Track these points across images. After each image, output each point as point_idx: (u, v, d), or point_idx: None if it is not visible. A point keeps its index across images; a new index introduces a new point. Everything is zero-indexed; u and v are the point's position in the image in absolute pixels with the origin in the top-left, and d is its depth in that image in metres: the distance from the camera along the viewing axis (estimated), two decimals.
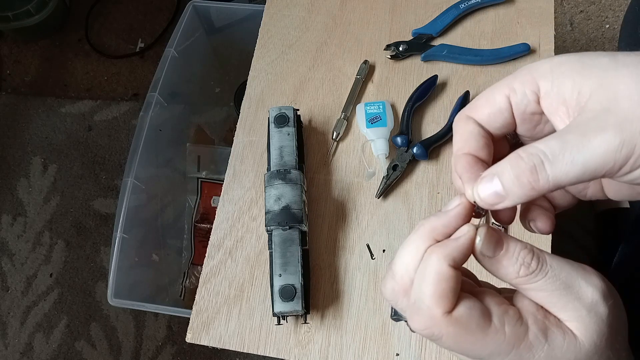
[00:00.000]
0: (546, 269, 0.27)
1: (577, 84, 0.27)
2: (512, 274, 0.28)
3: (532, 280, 0.28)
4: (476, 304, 0.28)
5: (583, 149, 0.25)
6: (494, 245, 0.28)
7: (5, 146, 1.52)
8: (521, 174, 0.26)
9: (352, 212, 0.65)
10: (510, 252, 0.28)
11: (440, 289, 0.27)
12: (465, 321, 0.27)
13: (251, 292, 0.62)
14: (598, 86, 0.26)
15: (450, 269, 0.27)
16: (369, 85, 0.72)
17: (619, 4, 1.48)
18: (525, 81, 0.29)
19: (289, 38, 0.76)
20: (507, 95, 0.30)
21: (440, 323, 0.27)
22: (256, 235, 0.65)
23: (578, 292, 0.27)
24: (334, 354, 0.58)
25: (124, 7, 1.67)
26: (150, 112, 0.97)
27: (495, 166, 0.28)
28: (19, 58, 1.65)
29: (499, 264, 0.28)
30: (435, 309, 0.27)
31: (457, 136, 0.32)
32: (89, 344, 1.29)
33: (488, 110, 0.31)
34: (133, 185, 0.92)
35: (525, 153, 0.27)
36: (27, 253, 1.39)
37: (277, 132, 0.63)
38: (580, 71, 0.27)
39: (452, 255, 0.27)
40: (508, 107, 0.30)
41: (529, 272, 0.27)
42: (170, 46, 1.00)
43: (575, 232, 1.24)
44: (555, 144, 0.26)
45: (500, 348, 0.27)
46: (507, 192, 0.27)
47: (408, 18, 0.75)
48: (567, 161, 0.25)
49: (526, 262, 0.28)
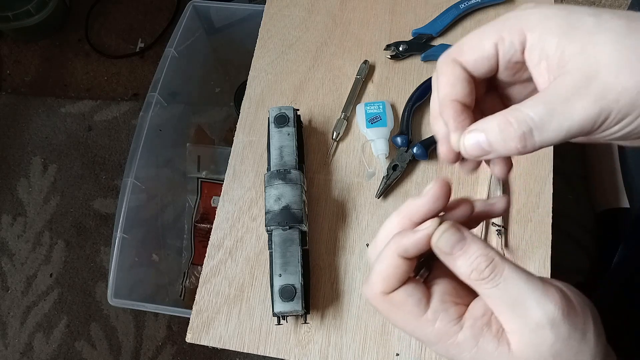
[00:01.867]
0: (497, 281, 0.28)
1: (561, 45, 0.27)
2: (463, 275, 0.29)
3: (481, 286, 0.29)
4: (417, 293, 0.30)
5: (568, 116, 0.27)
6: (452, 243, 0.29)
7: (5, 146, 1.52)
8: (510, 139, 0.28)
9: (352, 212, 0.65)
10: (468, 254, 0.29)
11: (385, 273, 0.30)
12: (398, 304, 0.30)
13: (251, 292, 0.62)
14: (580, 50, 0.27)
15: (398, 259, 0.30)
16: (369, 85, 0.72)
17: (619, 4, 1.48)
18: (514, 31, 0.30)
19: (289, 38, 0.76)
20: (495, 43, 0.30)
21: (377, 298, 0.31)
22: (256, 235, 0.65)
23: (525, 312, 0.28)
24: (334, 354, 0.58)
25: (124, 7, 1.67)
26: (150, 112, 0.97)
27: (484, 122, 0.29)
28: (19, 58, 1.65)
29: (454, 262, 0.29)
30: (375, 285, 0.30)
31: (443, 79, 0.32)
32: (89, 344, 1.29)
33: (475, 56, 0.31)
34: (133, 185, 0.92)
35: (515, 119, 0.28)
36: (27, 253, 1.39)
37: (277, 132, 0.63)
38: (566, 31, 0.27)
39: (404, 247, 0.30)
40: (495, 55, 0.31)
41: (479, 278, 0.28)
42: (170, 46, 1.00)
43: (575, 232, 1.24)
44: (542, 111, 0.27)
45: (427, 337, 0.30)
46: (492, 149, 0.29)
47: (408, 18, 0.75)
48: (554, 128, 0.27)
49: (479, 268, 0.28)
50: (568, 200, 1.26)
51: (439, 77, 0.33)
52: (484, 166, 0.35)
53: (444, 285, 0.31)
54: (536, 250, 0.61)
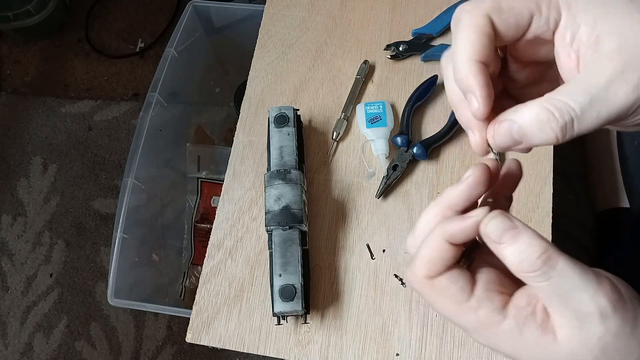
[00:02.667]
0: (550, 274, 0.27)
1: (597, 29, 0.27)
2: (513, 264, 0.28)
3: (532, 279, 0.27)
4: (461, 280, 0.29)
5: (607, 104, 0.26)
6: (502, 230, 0.28)
7: (5, 146, 1.52)
8: (549, 129, 0.27)
9: (352, 212, 0.65)
10: (519, 242, 0.27)
11: (429, 257, 0.29)
12: (441, 289, 0.29)
13: (251, 292, 0.62)
14: (617, 34, 0.26)
15: (445, 244, 0.29)
16: (369, 85, 0.72)
17: None
18: (552, 6, 0.28)
19: (289, 38, 0.76)
20: (531, 13, 0.28)
21: (420, 282, 0.30)
22: (256, 235, 0.65)
23: (576, 305, 0.27)
24: (334, 354, 0.58)
25: (124, 7, 1.67)
26: (150, 112, 0.97)
27: (516, 112, 0.28)
28: (19, 58, 1.65)
29: (503, 250, 0.28)
30: (419, 269, 0.30)
31: (471, 34, 0.28)
32: (89, 344, 1.29)
33: (510, 20, 0.29)
34: (133, 185, 0.92)
35: (556, 109, 0.26)
36: (27, 253, 1.39)
37: (277, 132, 0.63)
38: (602, 14, 0.27)
39: (451, 233, 0.29)
40: (525, 27, 0.29)
41: (530, 270, 0.27)
42: (170, 46, 1.00)
43: (575, 232, 1.24)
44: (583, 99, 0.26)
45: (469, 324, 0.30)
46: (525, 139, 0.28)
47: (408, 18, 0.75)
48: (593, 117, 0.26)
49: (530, 259, 0.27)
50: (568, 200, 1.26)
51: (466, 31, 0.29)
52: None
53: (488, 274, 0.30)
54: None
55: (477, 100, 0.29)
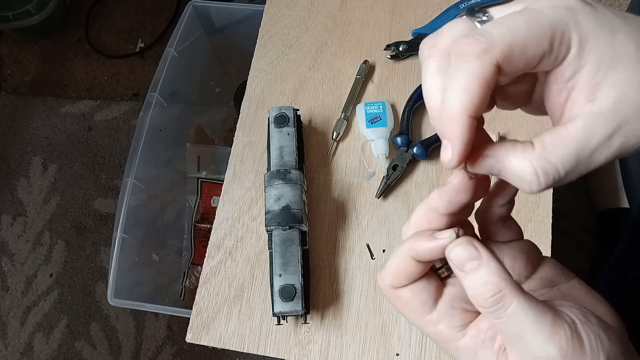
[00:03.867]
0: (500, 315, 0.26)
1: (599, 75, 0.25)
2: (469, 294, 0.28)
3: (486, 314, 0.27)
4: (424, 294, 0.30)
5: (588, 166, 0.25)
6: (465, 259, 0.27)
7: (5, 146, 1.52)
8: (528, 184, 0.26)
9: (352, 212, 0.65)
10: (478, 275, 0.27)
11: (395, 269, 0.30)
12: (404, 299, 0.30)
13: (251, 292, 0.62)
14: (618, 86, 0.24)
15: (410, 260, 0.29)
16: (369, 85, 0.72)
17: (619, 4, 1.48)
18: (564, 39, 0.25)
19: (289, 38, 0.76)
20: (543, 52, 0.25)
21: (385, 290, 0.31)
22: (256, 235, 0.65)
23: (527, 348, 0.26)
24: (334, 354, 0.58)
25: (124, 7, 1.67)
26: (150, 112, 0.97)
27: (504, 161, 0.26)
28: (19, 58, 1.65)
29: (463, 280, 0.28)
30: (385, 278, 0.30)
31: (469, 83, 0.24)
32: (89, 344, 1.29)
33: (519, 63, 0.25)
34: (133, 185, 0.92)
35: (543, 173, 0.25)
36: (27, 253, 1.39)
37: (277, 132, 0.63)
38: (609, 58, 0.25)
39: (417, 252, 0.29)
40: (532, 67, 0.26)
41: (482, 305, 0.27)
42: (170, 46, 1.00)
43: (575, 232, 1.24)
44: (570, 163, 0.25)
45: (432, 335, 0.30)
46: (505, 177, 0.27)
47: (408, 18, 0.75)
48: (573, 176, 0.25)
49: (483, 296, 0.27)
50: (568, 200, 1.26)
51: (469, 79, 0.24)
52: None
53: (458, 290, 0.30)
54: None
55: (453, 153, 0.26)
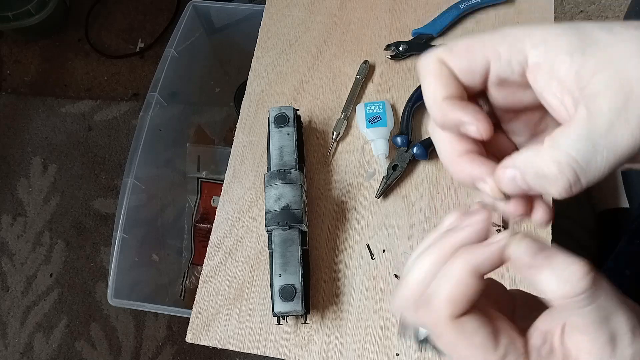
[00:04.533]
0: (597, 296, 0.24)
1: (576, 63, 0.24)
2: (551, 291, 0.25)
3: (574, 304, 0.24)
4: (487, 324, 0.26)
5: (613, 147, 0.23)
6: (534, 251, 0.25)
7: (5, 146, 1.52)
8: (551, 185, 0.25)
9: (352, 212, 0.65)
10: (556, 264, 0.25)
11: (455, 293, 0.26)
12: (469, 333, 0.26)
13: (251, 292, 0.62)
14: (602, 66, 0.24)
15: (471, 278, 0.26)
16: (369, 85, 0.72)
17: (619, 4, 1.48)
18: (514, 49, 0.26)
19: (289, 38, 0.76)
20: (487, 58, 0.27)
21: (444, 323, 0.26)
22: (256, 235, 0.65)
23: (612, 329, 0.25)
24: (334, 354, 0.58)
25: (124, 7, 1.67)
26: (150, 112, 0.97)
27: (519, 159, 0.26)
28: (19, 58, 1.65)
29: (538, 276, 0.25)
30: (443, 309, 0.26)
31: (431, 78, 0.28)
32: (89, 344, 1.29)
33: (463, 64, 0.27)
34: (133, 185, 0.92)
35: (555, 161, 0.24)
36: (27, 253, 1.39)
37: (277, 132, 0.63)
38: (578, 47, 0.24)
39: (478, 263, 0.26)
40: (482, 71, 0.27)
41: (574, 294, 0.24)
42: (170, 46, 1.00)
43: (575, 232, 1.24)
44: (585, 147, 0.24)
45: None
46: (531, 189, 0.26)
47: (408, 18, 0.75)
48: (600, 165, 0.24)
49: (573, 281, 0.24)
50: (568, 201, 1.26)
51: (426, 77, 0.28)
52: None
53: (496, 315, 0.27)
54: None
55: (469, 121, 0.27)
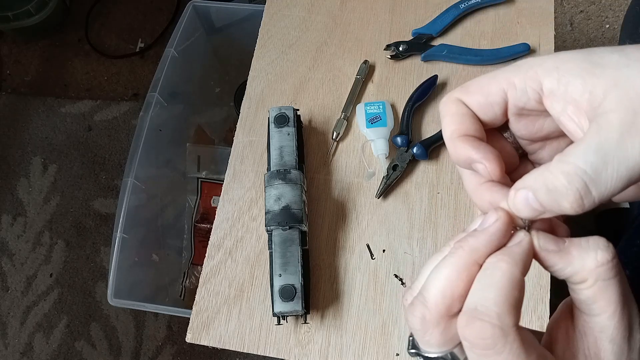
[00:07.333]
0: (620, 269, 0.25)
1: (589, 84, 0.25)
2: (586, 267, 0.25)
3: (607, 274, 0.25)
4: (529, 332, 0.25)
5: (624, 159, 0.23)
6: (554, 239, 0.27)
7: (5, 146, 1.52)
8: (561, 198, 0.25)
9: (352, 212, 0.65)
10: (578, 240, 0.26)
11: (512, 297, 0.24)
12: (528, 344, 0.24)
13: (251, 292, 0.62)
14: (613, 86, 0.24)
15: (520, 280, 0.25)
16: (369, 85, 0.72)
17: (619, 4, 1.48)
18: (528, 77, 0.28)
19: (289, 38, 0.76)
20: (504, 90, 0.28)
21: (509, 334, 0.23)
22: (256, 235, 0.65)
23: (629, 313, 0.25)
24: (334, 354, 0.58)
25: (124, 7, 1.67)
26: (150, 112, 0.97)
27: (529, 179, 0.26)
28: (19, 58, 1.65)
29: (569, 255, 0.26)
30: (506, 317, 0.23)
31: (448, 118, 0.30)
32: (89, 344, 1.29)
33: (480, 100, 0.29)
34: (133, 185, 0.92)
35: (564, 174, 0.24)
36: (27, 253, 1.39)
37: (277, 132, 0.63)
38: (590, 70, 0.25)
39: (521, 261, 0.25)
40: (500, 102, 0.29)
41: (609, 258, 0.25)
42: (170, 46, 1.00)
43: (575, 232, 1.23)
44: (594, 158, 0.23)
45: None
46: (545, 209, 0.26)
47: (408, 18, 0.75)
48: (612, 177, 0.24)
49: (602, 246, 0.25)
50: None
51: (443, 117, 0.30)
52: None
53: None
54: None
55: (480, 161, 0.28)
